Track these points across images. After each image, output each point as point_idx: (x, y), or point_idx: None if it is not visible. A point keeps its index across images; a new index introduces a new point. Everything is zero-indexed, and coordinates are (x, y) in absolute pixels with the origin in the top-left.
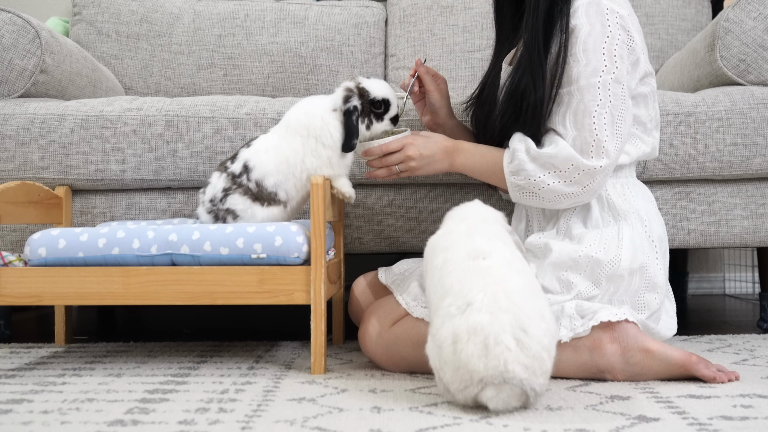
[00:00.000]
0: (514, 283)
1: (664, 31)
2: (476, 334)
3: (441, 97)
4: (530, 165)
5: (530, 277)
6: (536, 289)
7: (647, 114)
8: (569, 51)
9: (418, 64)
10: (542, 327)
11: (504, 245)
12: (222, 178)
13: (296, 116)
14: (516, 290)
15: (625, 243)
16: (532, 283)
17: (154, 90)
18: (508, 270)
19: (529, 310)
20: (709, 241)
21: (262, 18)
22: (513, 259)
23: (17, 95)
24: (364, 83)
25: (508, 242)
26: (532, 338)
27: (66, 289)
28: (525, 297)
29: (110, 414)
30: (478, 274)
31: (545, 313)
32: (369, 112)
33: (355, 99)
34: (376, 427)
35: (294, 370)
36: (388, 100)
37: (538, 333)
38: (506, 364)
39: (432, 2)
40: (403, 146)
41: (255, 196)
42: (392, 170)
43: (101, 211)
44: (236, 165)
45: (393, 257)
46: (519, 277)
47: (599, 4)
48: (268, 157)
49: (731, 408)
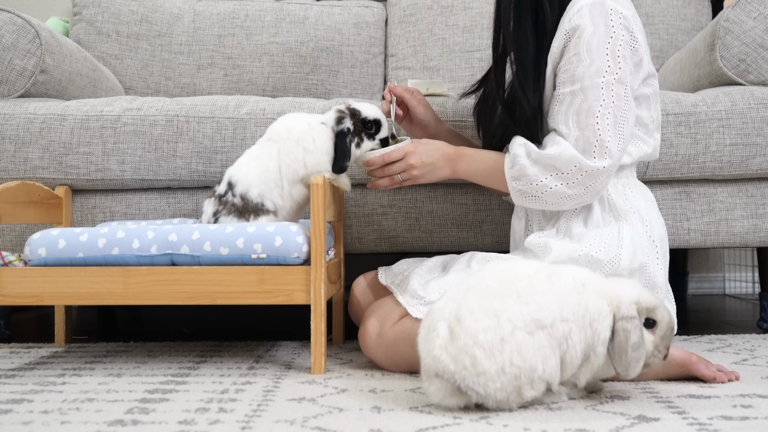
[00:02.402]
0: (486, 282)
1: (664, 31)
2: (426, 319)
3: (426, 110)
4: (532, 169)
5: (519, 285)
6: (513, 294)
7: (649, 115)
8: (573, 51)
9: (393, 88)
10: (486, 325)
11: (537, 265)
12: (211, 203)
13: (280, 125)
14: (481, 287)
15: (625, 243)
16: (514, 289)
17: (154, 90)
18: (496, 273)
19: (475, 304)
20: (709, 241)
21: (262, 18)
22: (524, 268)
23: (17, 95)
24: (355, 105)
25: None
26: (464, 329)
27: (66, 289)
28: (483, 294)
29: (110, 414)
30: (473, 274)
31: (503, 318)
32: (360, 131)
33: (348, 120)
34: (376, 427)
35: (294, 370)
36: (379, 121)
37: (475, 327)
38: (434, 350)
39: (432, 2)
40: (405, 155)
41: (240, 212)
42: (395, 179)
43: (101, 211)
44: (222, 185)
45: (393, 257)
46: (499, 280)
47: (603, 5)
48: (249, 169)
49: (731, 408)
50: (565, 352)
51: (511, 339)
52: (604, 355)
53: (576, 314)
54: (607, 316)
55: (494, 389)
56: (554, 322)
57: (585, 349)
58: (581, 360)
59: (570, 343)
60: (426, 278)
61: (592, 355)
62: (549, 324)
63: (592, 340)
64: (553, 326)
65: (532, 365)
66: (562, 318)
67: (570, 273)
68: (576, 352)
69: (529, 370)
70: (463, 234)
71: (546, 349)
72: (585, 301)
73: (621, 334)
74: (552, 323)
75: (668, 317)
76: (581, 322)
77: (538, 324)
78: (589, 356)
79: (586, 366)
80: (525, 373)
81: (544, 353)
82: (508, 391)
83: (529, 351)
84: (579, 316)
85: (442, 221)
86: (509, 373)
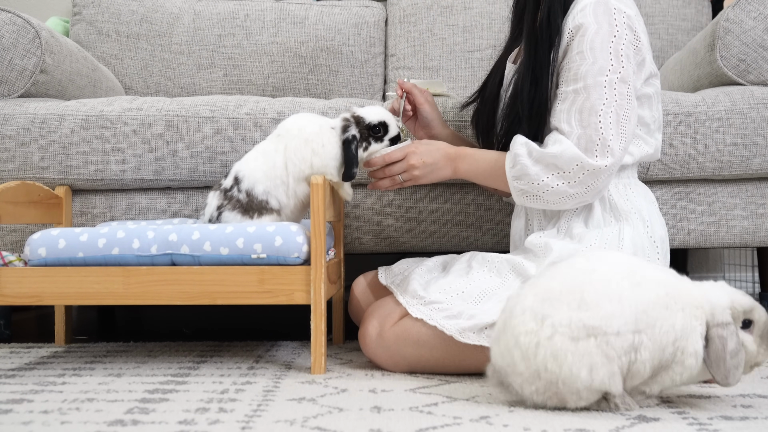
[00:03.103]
0: (550, 283)
1: (664, 31)
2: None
3: (431, 109)
4: (533, 168)
5: (589, 290)
6: (575, 299)
7: (651, 115)
8: (576, 49)
9: (402, 84)
10: (529, 328)
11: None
12: (216, 196)
13: (291, 122)
14: (543, 287)
15: (626, 243)
16: (580, 294)
17: (154, 90)
18: (568, 274)
19: (528, 305)
20: (709, 241)
21: (262, 18)
22: (608, 273)
23: (17, 95)
24: (358, 111)
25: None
26: (510, 328)
27: (66, 289)
28: (542, 294)
29: (110, 414)
30: (551, 267)
31: (547, 322)
32: (367, 137)
33: (353, 128)
34: (376, 427)
35: (294, 370)
36: (386, 123)
37: (519, 329)
38: (491, 341)
39: (432, 2)
40: (406, 155)
41: (245, 209)
42: (396, 180)
43: (101, 211)
44: (228, 179)
45: (393, 257)
46: (564, 282)
47: (607, 4)
48: (257, 164)
49: (731, 408)
50: (633, 362)
51: (548, 344)
52: (697, 366)
53: (655, 328)
54: (694, 330)
55: (530, 392)
56: (621, 331)
57: (656, 365)
58: (649, 373)
59: (639, 356)
60: (426, 278)
61: (678, 366)
62: (611, 332)
63: (672, 357)
64: (619, 335)
65: (573, 373)
66: (636, 329)
67: (663, 286)
68: (644, 367)
69: (570, 378)
70: (463, 234)
71: (595, 357)
72: (672, 319)
73: (717, 341)
74: (617, 332)
75: (765, 315)
76: (661, 339)
77: (590, 331)
78: (670, 368)
79: (663, 376)
80: (563, 380)
81: (591, 361)
82: (546, 396)
83: (567, 358)
84: (662, 332)
85: (442, 221)
86: (544, 378)
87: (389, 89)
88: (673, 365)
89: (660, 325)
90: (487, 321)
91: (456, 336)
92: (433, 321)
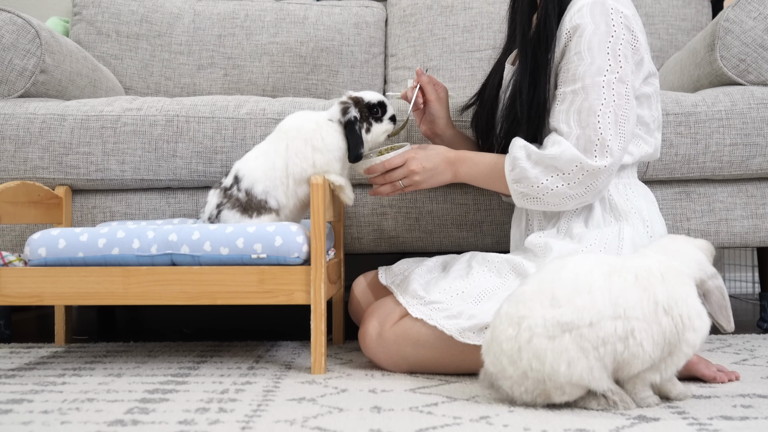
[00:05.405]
0: (523, 288)
1: (664, 31)
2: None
3: (441, 107)
4: (532, 171)
5: (559, 287)
6: (546, 298)
7: (650, 114)
8: (574, 49)
9: (420, 74)
10: (509, 334)
11: None
12: (216, 194)
13: (289, 123)
14: (517, 294)
15: (625, 243)
16: (550, 292)
17: (154, 90)
18: (540, 274)
19: (505, 313)
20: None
21: (262, 18)
22: (579, 266)
23: (17, 95)
24: (355, 94)
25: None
26: (495, 337)
27: (66, 289)
28: (515, 301)
29: (110, 414)
30: (539, 272)
31: (524, 325)
32: (367, 116)
33: (353, 109)
34: (376, 427)
35: (294, 370)
36: (383, 102)
37: (500, 337)
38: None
39: (432, 2)
40: (406, 161)
41: (244, 208)
42: (396, 186)
43: (101, 211)
44: (228, 178)
45: (393, 257)
46: (535, 283)
47: (604, 4)
48: (257, 164)
49: (731, 408)
50: (623, 350)
51: (528, 347)
52: (707, 324)
53: (640, 309)
54: (689, 295)
55: (519, 393)
56: (594, 322)
57: (666, 339)
58: (659, 354)
59: (632, 341)
60: (426, 278)
61: (690, 333)
62: (584, 325)
63: (677, 326)
64: (593, 326)
65: (554, 368)
66: (615, 316)
67: (633, 268)
68: (646, 348)
69: (552, 374)
70: (463, 234)
71: (572, 352)
72: (653, 294)
73: (716, 291)
74: (590, 323)
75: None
76: (651, 317)
77: (564, 327)
78: (682, 338)
79: (678, 352)
80: (548, 377)
81: (568, 356)
82: (535, 394)
83: (547, 355)
84: (648, 311)
85: (442, 221)
86: (532, 377)
87: (389, 89)
88: (684, 333)
89: (642, 306)
90: (487, 321)
91: (456, 336)
92: (433, 321)
